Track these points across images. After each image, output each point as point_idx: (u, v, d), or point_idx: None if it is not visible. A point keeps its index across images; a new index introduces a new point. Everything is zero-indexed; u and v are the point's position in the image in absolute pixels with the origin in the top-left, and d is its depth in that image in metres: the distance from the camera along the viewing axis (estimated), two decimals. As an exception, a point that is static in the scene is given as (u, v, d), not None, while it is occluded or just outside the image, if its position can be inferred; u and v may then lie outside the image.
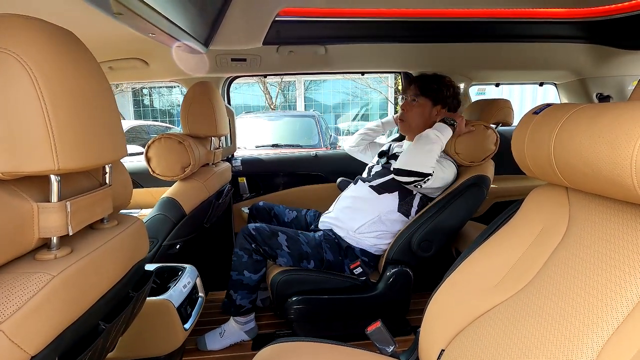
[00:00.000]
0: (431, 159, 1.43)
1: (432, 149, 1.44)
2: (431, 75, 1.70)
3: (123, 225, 0.73)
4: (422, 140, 1.47)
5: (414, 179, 1.43)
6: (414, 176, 1.43)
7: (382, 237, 1.58)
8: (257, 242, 1.48)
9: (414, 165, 1.42)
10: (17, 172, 0.49)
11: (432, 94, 1.64)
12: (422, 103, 1.65)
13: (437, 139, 1.46)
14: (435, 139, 1.46)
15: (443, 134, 1.48)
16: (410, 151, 1.46)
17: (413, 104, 1.67)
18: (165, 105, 11.85)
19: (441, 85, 1.65)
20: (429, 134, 1.48)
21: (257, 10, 1.40)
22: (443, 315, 0.80)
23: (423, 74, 1.73)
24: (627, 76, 2.10)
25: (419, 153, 1.43)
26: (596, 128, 0.54)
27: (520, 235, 0.75)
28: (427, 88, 1.65)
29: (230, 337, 1.59)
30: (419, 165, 1.41)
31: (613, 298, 0.52)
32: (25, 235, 0.53)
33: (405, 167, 1.42)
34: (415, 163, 1.42)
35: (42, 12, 0.99)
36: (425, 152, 1.43)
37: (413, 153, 1.44)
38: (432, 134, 1.47)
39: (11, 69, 0.48)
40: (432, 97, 1.65)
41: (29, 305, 0.48)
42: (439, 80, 1.67)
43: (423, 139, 1.48)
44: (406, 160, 1.43)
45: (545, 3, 1.49)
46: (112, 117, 0.64)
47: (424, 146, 1.44)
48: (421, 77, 1.70)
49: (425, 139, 1.47)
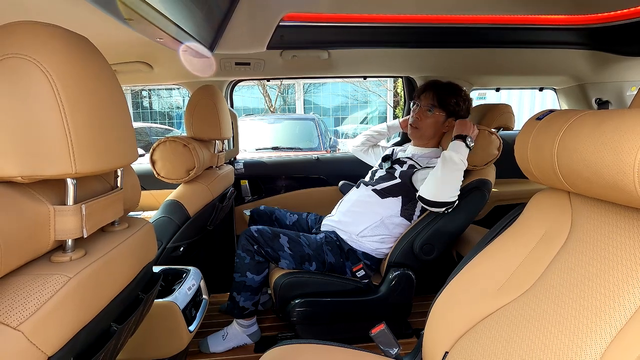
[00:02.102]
0: (457, 186, 1.41)
1: (459, 176, 1.41)
2: (449, 86, 1.66)
3: (133, 228, 0.74)
4: (449, 167, 1.41)
5: (444, 208, 1.43)
6: (444, 206, 1.42)
7: (385, 241, 1.59)
8: (260, 243, 1.49)
9: (443, 196, 1.39)
10: (36, 175, 0.51)
11: (449, 108, 1.63)
12: (437, 114, 1.64)
13: (461, 163, 1.41)
14: (461, 163, 1.41)
15: (464, 156, 1.44)
16: (437, 180, 1.41)
17: (428, 114, 1.64)
18: (165, 108, 11.86)
19: (459, 100, 1.63)
20: (453, 159, 1.41)
21: (261, 15, 1.42)
22: (447, 317, 0.81)
23: (440, 83, 1.68)
24: (625, 82, 2.12)
25: (448, 182, 1.39)
26: (599, 134, 0.55)
27: (522, 239, 0.76)
28: (445, 101, 1.62)
29: (233, 340, 1.60)
30: (448, 195, 1.39)
31: (615, 302, 0.53)
32: (41, 238, 0.54)
33: (436, 199, 1.40)
34: (444, 193, 1.39)
35: (50, 16, 1.00)
36: (453, 181, 1.40)
37: (441, 182, 1.40)
38: (457, 158, 1.41)
39: (31, 74, 0.49)
40: (448, 110, 1.63)
41: (46, 307, 0.49)
42: (458, 93, 1.64)
43: (449, 164, 1.41)
44: (435, 191, 1.40)
45: (545, 10, 1.51)
46: (125, 122, 0.66)
47: (452, 174, 1.40)
48: (439, 86, 1.66)
49: (451, 165, 1.41)
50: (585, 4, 1.48)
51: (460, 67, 2.01)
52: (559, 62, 1.92)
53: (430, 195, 1.42)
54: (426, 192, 1.43)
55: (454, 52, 1.77)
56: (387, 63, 1.97)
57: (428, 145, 1.70)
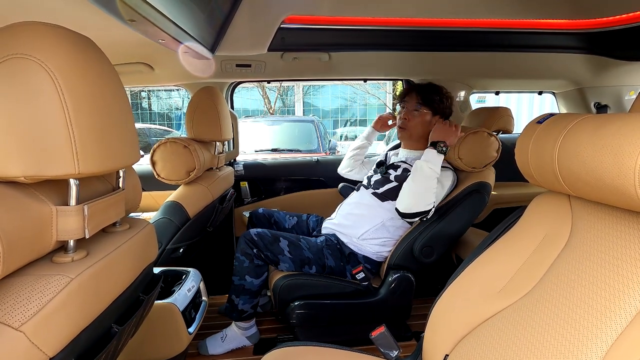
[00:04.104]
0: (430, 195, 1.45)
1: (429, 186, 1.45)
2: (430, 85, 1.72)
3: (135, 229, 0.74)
4: (418, 178, 1.46)
5: (418, 218, 1.49)
6: (418, 215, 1.47)
7: (386, 244, 1.60)
8: (259, 247, 1.49)
9: (416, 208, 1.45)
10: (39, 176, 0.51)
11: (434, 105, 1.67)
12: (424, 113, 1.67)
13: (432, 173, 1.45)
14: (430, 173, 1.45)
15: (436, 164, 1.47)
16: (409, 193, 1.47)
17: (415, 114, 1.68)
18: (164, 109, 11.86)
19: (442, 97, 1.69)
20: (423, 169, 1.46)
21: (263, 17, 1.42)
22: (447, 320, 0.81)
23: (421, 84, 1.75)
24: (624, 86, 2.14)
25: (418, 194, 1.45)
26: (600, 138, 0.55)
27: (523, 241, 0.76)
28: (429, 99, 1.67)
29: (232, 342, 1.59)
30: (420, 206, 1.45)
31: (616, 305, 0.53)
32: (44, 238, 0.54)
33: (409, 210, 1.46)
34: (416, 205, 1.45)
35: (50, 17, 1.01)
36: (424, 192, 1.45)
37: (412, 194, 1.46)
38: (427, 168, 1.45)
39: (35, 75, 0.49)
40: (433, 108, 1.68)
41: (48, 308, 0.49)
42: (440, 91, 1.70)
43: (419, 175, 1.47)
44: (407, 204, 1.46)
45: (545, 14, 1.52)
46: (128, 122, 0.66)
47: (421, 185, 1.45)
48: (421, 87, 1.72)
49: (421, 177, 1.46)
50: (585, 9, 1.49)
51: (460, 71, 2.02)
52: (558, 66, 1.93)
53: (403, 207, 1.47)
54: (400, 205, 1.48)
55: (454, 55, 1.78)
56: (387, 66, 1.98)
57: (419, 147, 1.71)
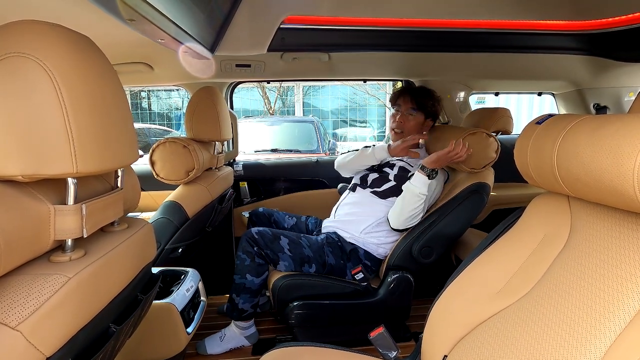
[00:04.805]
0: (417, 212, 1.53)
1: (418, 206, 1.52)
2: (422, 89, 1.80)
3: (133, 229, 0.74)
4: (408, 199, 1.53)
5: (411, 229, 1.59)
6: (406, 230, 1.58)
7: (388, 236, 1.61)
8: (260, 245, 1.49)
9: (407, 224, 1.55)
10: (37, 174, 0.50)
11: (427, 109, 1.75)
12: (418, 116, 1.75)
13: (421, 195, 1.51)
14: (421, 197, 1.51)
15: (424, 188, 1.51)
16: (401, 212, 1.54)
17: (409, 117, 1.75)
18: (164, 109, 11.84)
19: (434, 102, 1.77)
20: (414, 192, 1.52)
21: (262, 17, 1.42)
22: (446, 321, 0.81)
23: (414, 88, 1.81)
24: (623, 87, 2.14)
25: (409, 213, 1.53)
26: (599, 139, 0.55)
27: (522, 242, 0.76)
28: (423, 103, 1.74)
29: (230, 342, 1.59)
30: (411, 222, 1.55)
31: (615, 305, 0.53)
32: (41, 237, 0.54)
33: (402, 227, 1.56)
34: (407, 221, 1.54)
35: (50, 16, 1.00)
36: (413, 211, 1.53)
37: (404, 213, 1.54)
38: (418, 192, 1.51)
39: (34, 73, 0.49)
40: (426, 111, 1.76)
41: (45, 307, 0.49)
42: (432, 95, 1.77)
43: (407, 197, 1.53)
44: (400, 222, 1.56)
45: (545, 15, 1.52)
46: (127, 122, 0.65)
47: (410, 204, 1.53)
48: (414, 90, 1.78)
49: (411, 198, 1.52)
50: (584, 10, 1.49)
51: (460, 71, 2.03)
52: (558, 67, 1.93)
53: (396, 224, 1.57)
54: (394, 223, 1.57)
55: (454, 56, 1.78)
56: (387, 66, 1.98)
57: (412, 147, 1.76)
